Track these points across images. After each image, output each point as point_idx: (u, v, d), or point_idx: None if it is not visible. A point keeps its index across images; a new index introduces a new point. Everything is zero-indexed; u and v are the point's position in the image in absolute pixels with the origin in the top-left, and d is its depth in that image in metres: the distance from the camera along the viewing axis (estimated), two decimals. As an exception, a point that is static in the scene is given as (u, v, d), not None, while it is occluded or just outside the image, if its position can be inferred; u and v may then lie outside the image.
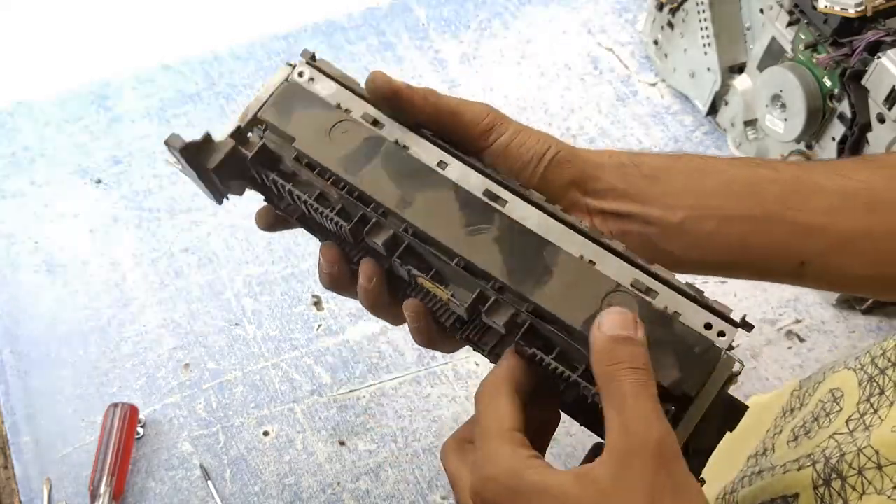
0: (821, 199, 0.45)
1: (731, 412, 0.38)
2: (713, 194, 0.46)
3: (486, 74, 1.05)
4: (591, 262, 0.39)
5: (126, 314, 0.84)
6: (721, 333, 0.36)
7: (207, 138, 0.45)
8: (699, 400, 0.36)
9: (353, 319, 0.83)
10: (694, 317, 0.37)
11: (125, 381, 0.79)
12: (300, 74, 0.46)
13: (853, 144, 0.76)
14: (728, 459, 0.51)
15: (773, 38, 0.83)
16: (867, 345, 0.42)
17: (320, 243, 0.47)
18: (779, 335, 0.80)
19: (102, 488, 0.70)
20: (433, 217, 0.41)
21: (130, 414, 0.74)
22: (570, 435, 0.74)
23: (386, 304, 0.45)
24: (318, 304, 0.85)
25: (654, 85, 1.03)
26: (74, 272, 0.87)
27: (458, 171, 0.42)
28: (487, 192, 0.41)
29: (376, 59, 1.07)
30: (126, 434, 0.73)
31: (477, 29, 1.11)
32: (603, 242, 0.40)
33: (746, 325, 0.37)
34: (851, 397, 0.41)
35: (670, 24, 0.98)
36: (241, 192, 0.49)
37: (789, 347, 0.79)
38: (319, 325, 0.83)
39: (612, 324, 0.35)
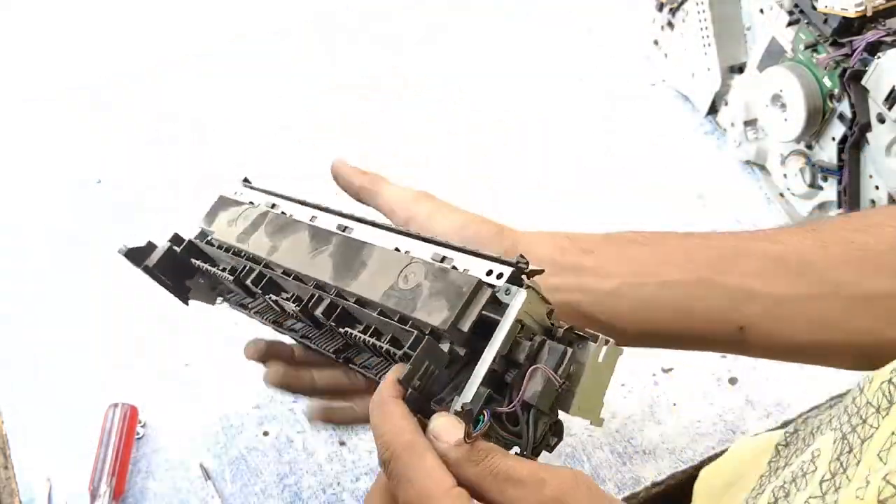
0: (749, 262, 0.45)
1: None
2: (648, 262, 0.47)
3: (485, 74, 1.05)
4: (406, 252, 0.44)
5: (126, 314, 0.84)
6: (500, 276, 0.40)
7: (149, 245, 0.58)
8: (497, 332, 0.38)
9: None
10: (479, 268, 0.41)
11: (125, 381, 0.79)
12: (233, 193, 0.58)
13: (853, 144, 0.76)
14: None
15: (773, 38, 0.83)
16: (849, 399, 0.41)
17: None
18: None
19: (102, 488, 0.70)
20: (289, 253, 0.50)
21: (130, 414, 0.74)
22: (571, 434, 0.74)
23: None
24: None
25: (654, 85, 1.03)
26: (74, 272, 0.87)
27: (323, 220, 0.50)
28: (339, 227, 0.48)
29: (376, 55, 1.07)
30: (126, 434, 0.73)
31: (475, 30, 1.11)
32: (420, 236, 0.45)
33: (520, 263, 0.39)
34: (825, 456, 0.41)
35: (670, 24, 0.98)
36: (210, 302, 0.61)
37: (789, 347, 0.79)
38: (319, 325, 0.83)
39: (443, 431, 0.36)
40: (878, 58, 0.70)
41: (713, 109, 0.97)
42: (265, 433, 0.76)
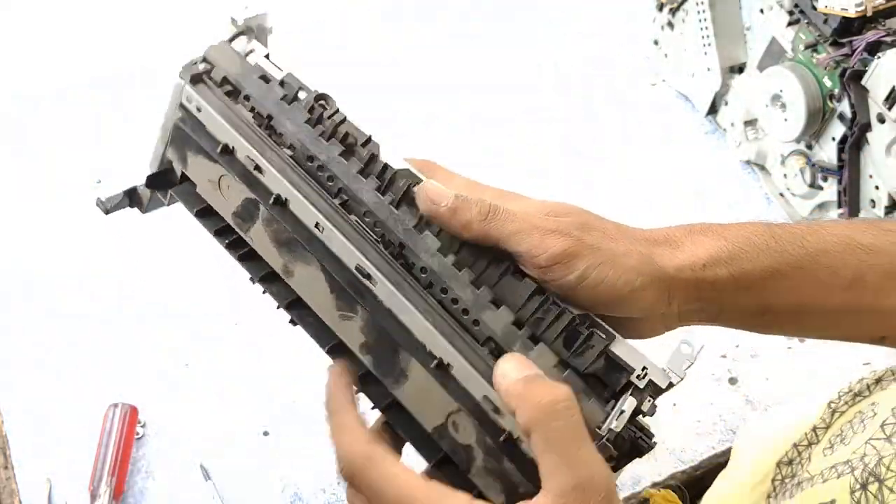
0: None
1: None
2: (811, 290, 0.44)
3: (486, 76, 1.05)
4: (447, 364, 0.39)
5: (126, 314, 0.84)
6: None
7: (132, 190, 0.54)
8: None
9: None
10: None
11: (125, 381, 0.79)
12: (187, 103, 0.50)
13: (853, 144, 0.76)
14: (754, 463, 0.51)
15: (773, 38, 0.83)
16: None
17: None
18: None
19: (102, 488, 0.70)
20: (311, 293, 0.44)
21: (130, 414, 0.74)
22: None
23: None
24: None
25: (654, 85, 1.03)
26: (75, 272, 0.87)
27: (335, 241, 0.43)
28: (359, 269, 0.42)
29: (375, 63, 1.07)
30: (126, 434, 0.73)
31: (478, 31, 1.11)
32: (464, 346, 0.39)
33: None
34: (887, 403, 0.41)
35: (670, 24, 0.98)
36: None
37: (789, 348, 0.79)
38: (319, 325, 0.83)
39: (514, 369, 0.35)
40: (878, 58, 0.70)
41: (713, 109, 0.97)
42: (265, 433, 0.76)
